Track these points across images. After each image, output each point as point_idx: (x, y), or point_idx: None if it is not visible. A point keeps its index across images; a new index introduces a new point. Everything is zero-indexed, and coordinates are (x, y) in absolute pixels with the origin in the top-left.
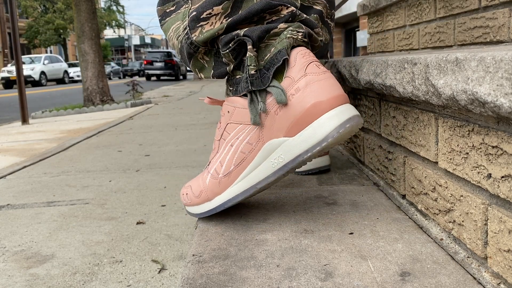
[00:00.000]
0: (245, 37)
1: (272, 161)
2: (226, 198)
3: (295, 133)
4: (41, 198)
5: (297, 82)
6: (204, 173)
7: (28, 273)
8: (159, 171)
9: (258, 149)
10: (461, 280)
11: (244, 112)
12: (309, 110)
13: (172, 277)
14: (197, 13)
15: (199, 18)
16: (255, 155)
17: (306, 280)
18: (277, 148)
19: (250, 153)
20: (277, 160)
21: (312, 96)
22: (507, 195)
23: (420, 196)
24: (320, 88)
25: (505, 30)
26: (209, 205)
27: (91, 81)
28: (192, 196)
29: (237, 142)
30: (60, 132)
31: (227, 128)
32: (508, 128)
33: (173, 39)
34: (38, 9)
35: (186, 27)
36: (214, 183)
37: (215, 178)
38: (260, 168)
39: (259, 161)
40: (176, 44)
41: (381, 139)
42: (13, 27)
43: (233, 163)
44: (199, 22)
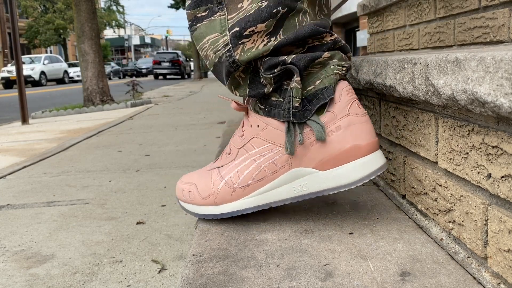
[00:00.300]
0: (292, 66)
1: (295, 187)
2: (236, 208)
3: (326, 168)
4: (41, 198)
5: (340, 120)
6: (214, 175)
7: (28, 273)
8: (159, 171)
9: (283, 172)
10: (461, 280)
11: (277, 133)
12: (347, 151)
13: (172, 277)
14: (240, 29)
15: (241, 35)
16: (278, 177)
17: (306, 280)
18: (304, 177)
19: (273, 174)
20: (301, 187)
21: (352, 138)
22: (507, 195)
23: (420, 196)
24: (361, 131)
25: (505, 30)
26: (215, 209)
27: (91, 81)
28: (197, 196)
29: (261, 159)
30: (60, 132)
31: (252, 141)
32: (508, 128)
33: (208, 51)
34: (38, 9)
35: (228, 43)
36: (227, 191)
37: (229, 186)
38: (280, 190)
39: (280, 183)
40: (212, 57)
41: (381, 139)
42: (13, 27)
43: (253, 177)
44: (241, 39)
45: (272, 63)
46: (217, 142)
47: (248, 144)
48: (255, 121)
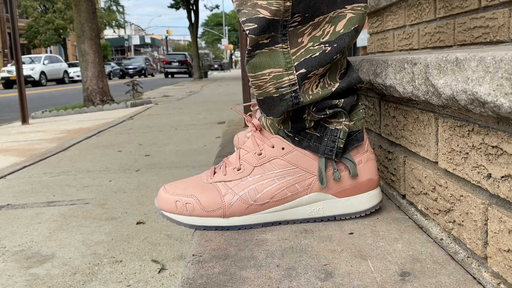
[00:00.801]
0: (342, 110)
1: (310, 210)
2: (247, 221)
3: (343, 196)
4: (41, 198)
5: (362, 155)
6: (222, 189)
7: (28, 273)
8: (159, 171)
9: (303, 195)
10: (461, 280)
11: (306, 159)
12: (364, 183)
13: (172, 277)
14: (306, 71)
15: (306, 77)
16: (297, 198)
17: (306, 280)
18: (321, 201)
19: (293, 195)
20: (316, 211)
21: (369, 173)
22: (507, 195)
23: (420, 196)
24: (374, 167)
25: (505, 30)
26: (222, 221)
27: (91, 81)
28: (199, 209)
29: (283, 180)
30: (60, 132)
31: (274, 161)
32: (508, 128)
33: (267, 83)
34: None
35: (295, 84)
36: (241, 206)
37: (244, 202)
38: (295, 210)
39: (298, 204)
40: (271, 91)
41: (381, 139)
42: (13, 27)
43: (272, 197)
44: (304, 80)
45: (325, 105)
46: (217, 142)
47: (268, 164)
48: (279, 142)
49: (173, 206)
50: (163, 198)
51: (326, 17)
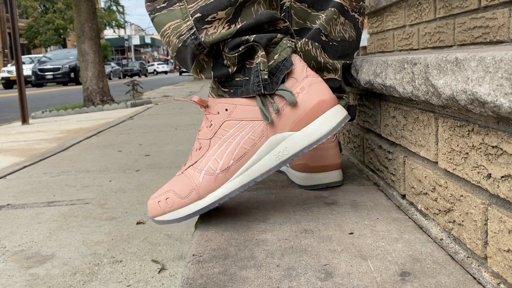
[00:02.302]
0: (255, 43)
1: (276, 154)
2: (222, 194)
3: (300, 127)
4: (41, 198)
5: (301, 82)
6: (190, 172)
7: (28, 273)
8: (159, 171)
9: (261, 144)
10: (461, 280)
11: (248, 109)
12: (316, 106)
13: (172, 277)
14: (202, 15)
15: (204, 21)
16: (258, 149)
17: (306, 280)
18: (282, 142)
19: (252, 148)
20: (282, 153)
21: (316, 95)
22: (507, 195)
23: (420, 196)
24: (322, 89)
25: (505, 30)
26: (199, 203)
27: (91, 81)
28: (176, 199)
29: (237, 137)
30: (60, 132)
31: (223, 125)
32: (508, 128)
33: (170, 37)
34: (38, 9)
35: (192, 27)
36: (209, 179)
37: (211, 174)
38: (262, 162)
39: (261, 155)
40: (176, 42)
41: (381, 139)
42: (13, 27)
43: (233, 158)
44: (204, 24)
45: (235, 43)
46: None
47: (220, 130)
48: (221, 106)
49: (157, 208)
50: (149, 206)
51: None
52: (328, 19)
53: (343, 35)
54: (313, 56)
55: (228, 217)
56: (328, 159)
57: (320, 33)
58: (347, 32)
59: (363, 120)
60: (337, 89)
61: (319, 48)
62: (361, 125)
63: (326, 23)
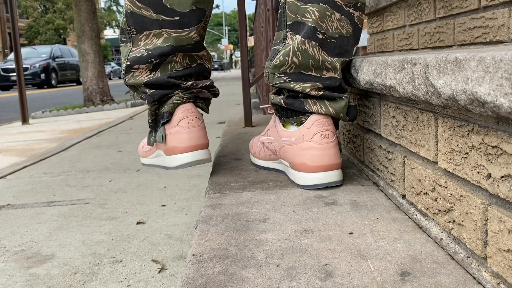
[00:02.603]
0: (149, 97)
1: (157, 159)
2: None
3: (167, 154)
4: (41, 198)
5: (172, 128)
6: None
7: (28, 273)
8: (159, 171)
9: (153, 151)
10: (461, 280)
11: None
12: (170, 148)
13: (172, 277)
14: (130, 64)
15: (131, 67)
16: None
17: (306, 280)
18: (160, 157)
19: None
20: (158, 160)
21: (174, 141)
22: (506, 195)
23: (420, 196)
24: (180, 139)
25: (505, 30)
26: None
27: (91, 81)
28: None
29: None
30: (60, 132)
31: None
32: (507, 128)
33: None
34: (38, 9)
35: (124, 69)
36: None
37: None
38: (155, 160)
39: (155, 155)
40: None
41: (381, 139)
42: (13, 27)
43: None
44: (131, 69)
45: (143, 91)
46: (217, 142)
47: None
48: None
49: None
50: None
51: (151, 33)
52: (321, 16)
53: (341, 31)
54: (311, 55)
55: (228, 217)
56: (328, 159)
57: (316, 31)
58: (344, 28)
59: (363, 120)
60: (337, 88)
61: (316, 46)
62: (361, 125)
63: (320, 21)
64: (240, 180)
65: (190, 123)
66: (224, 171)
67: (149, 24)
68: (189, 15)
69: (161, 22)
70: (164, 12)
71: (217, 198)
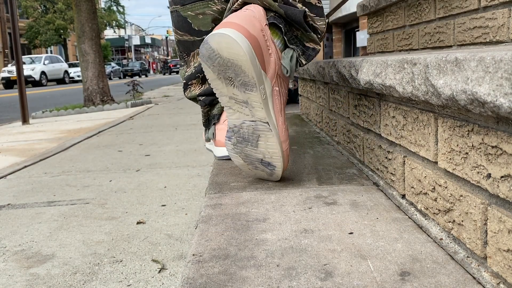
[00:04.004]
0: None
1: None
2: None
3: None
4: (41, 198)
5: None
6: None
7: (29, 272)
8: (160, 171)
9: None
10: (460, 280)
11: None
12: (218, 141)
13: (172, 277)
14: (186, 82)
15: (187, 84)
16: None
17: (306, 279)
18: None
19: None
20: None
21: (219, 136)
22: (506, 195)
23: (420, 196)
24: (222, 135)
25: (505, 30)
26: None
27: (91, 81)
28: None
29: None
30: (61, 132)
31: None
32: (507, 128)
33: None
34: (39, 9)
35: (184, 87)
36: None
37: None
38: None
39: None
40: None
41: (381, 139)
42: (13, 27)
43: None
44: (187, 86)
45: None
46: None
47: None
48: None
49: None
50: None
51: (194, 53)
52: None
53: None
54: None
55: (228, 217)
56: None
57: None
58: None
59: (363, 120)
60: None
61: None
62: (361, 125)
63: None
64: (240, 180)
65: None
66: (224, 171)
67: (191, 46)
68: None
69: (197, 42)
70: (196, 34)
71: (217, 198)
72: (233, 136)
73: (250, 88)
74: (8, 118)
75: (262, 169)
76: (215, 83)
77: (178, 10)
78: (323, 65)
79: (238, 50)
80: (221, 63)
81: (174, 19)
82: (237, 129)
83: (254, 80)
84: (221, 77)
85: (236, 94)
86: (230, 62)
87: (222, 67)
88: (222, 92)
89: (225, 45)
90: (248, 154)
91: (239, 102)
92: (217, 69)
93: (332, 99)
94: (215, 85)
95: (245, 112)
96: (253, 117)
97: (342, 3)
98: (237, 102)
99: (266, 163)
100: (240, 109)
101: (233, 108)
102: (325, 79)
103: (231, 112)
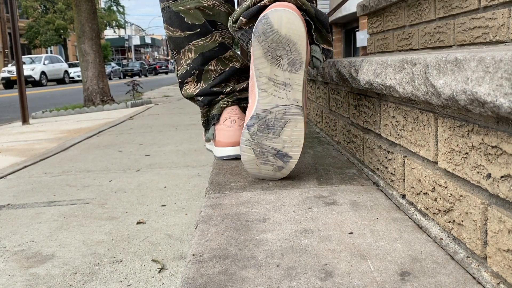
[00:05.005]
0: (200, 102)
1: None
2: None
3: (216, 146)
4: (41, 198)
5: (218, 125)
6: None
7: (29, 272)
8: (160, 171)
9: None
10: (460, 280)
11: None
12: (217, 141)
13: (172, 277)
14: (181, 80)
15: (183, 82)
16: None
17: (306, 279)
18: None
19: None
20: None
21: (218, 136)
22: (506, 195)
23: (420, 196)
24: (223, 135)
25: (505, 30)
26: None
27: (91, 81)
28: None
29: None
30: (61, 132)
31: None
32: (507, 128)
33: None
34: (39, 9)
35: (178, 86)
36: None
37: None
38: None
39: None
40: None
41: (381, 139)
42: (13, 27)
43: None
44: (183, 84)
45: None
46: None
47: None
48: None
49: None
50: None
51: (185, 50)
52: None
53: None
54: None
55: (228, 217)
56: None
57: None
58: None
59: (363, 120)
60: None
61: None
62: (361, 125)
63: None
64: (240, 180)
65: (233, 123)
66: (224, 171)
67: (181, 42)
68: (205, 25)
69: (189, 37)
70: (188, 28)
71: (217, 198)
72: (255, 123)
73: (298, 68)
74: (8, 118)
75: (272, 163)
76: (258, 61)
77: (170, 5)
78: (323, 65)
79: (299, 27)
80: (275, 39)
81: (165, 15)
82: (264, 114)
83: (303, 59)
84: (268, 55)
85: (277, 75)
86: (286, 39)
87: (274, 44)
88: (263, 72)
89: (286, 20)
90: (265, 145)
91: (277, 84)
92: (268, 45)
93: (332, 99)
94: (258, 63)
95: (280, 96)
96: (288, 101)
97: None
98: (275, 83)
99: (283, 154)
100: (275, 91)
101: (267, 91)
102: (325, 79)
103: (264, 95)
